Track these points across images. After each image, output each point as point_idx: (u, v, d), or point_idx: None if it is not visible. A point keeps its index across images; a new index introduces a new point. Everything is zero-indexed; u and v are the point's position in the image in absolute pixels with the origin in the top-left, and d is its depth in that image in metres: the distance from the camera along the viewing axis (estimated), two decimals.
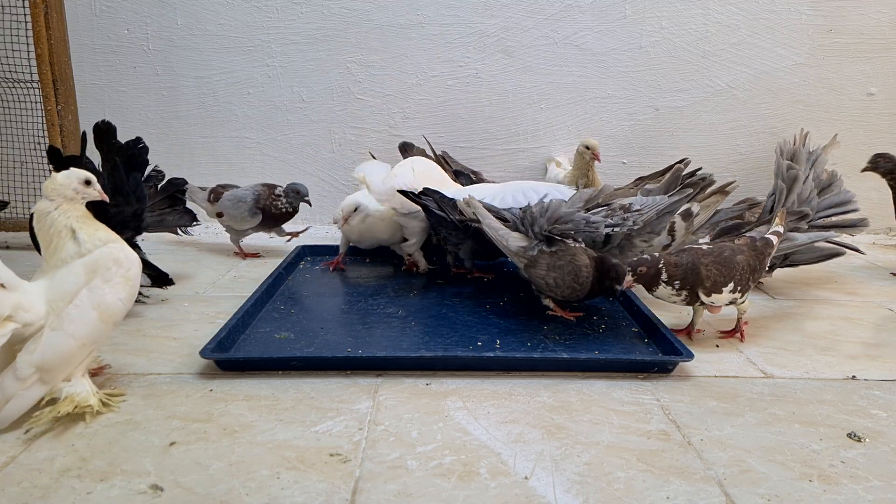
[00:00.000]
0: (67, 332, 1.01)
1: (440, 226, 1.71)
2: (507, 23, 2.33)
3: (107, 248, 1.08)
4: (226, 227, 2.07)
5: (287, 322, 1.46)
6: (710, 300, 1.31)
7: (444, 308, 1.56)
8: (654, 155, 2.39)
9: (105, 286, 1.05)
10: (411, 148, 2.26)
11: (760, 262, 1.37)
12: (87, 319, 1.03)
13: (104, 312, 1.05)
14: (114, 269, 1.07)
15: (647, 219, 1.53)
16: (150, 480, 0.88)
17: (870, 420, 1.07)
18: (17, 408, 0.98)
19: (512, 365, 1.24)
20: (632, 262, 1.32)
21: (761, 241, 1.39)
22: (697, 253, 1.32)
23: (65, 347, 1.01)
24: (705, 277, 1.30)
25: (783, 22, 2.31)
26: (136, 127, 2.40)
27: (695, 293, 1.31)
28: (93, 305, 1.04)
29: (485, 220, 1.54)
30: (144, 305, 1.60)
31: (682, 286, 1.30)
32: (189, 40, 2.35)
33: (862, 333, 1.46)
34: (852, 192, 1.72)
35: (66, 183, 1.08)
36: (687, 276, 1.30)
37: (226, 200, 1.99)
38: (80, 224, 1.08)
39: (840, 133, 2.39)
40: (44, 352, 0.99)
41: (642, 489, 0.87)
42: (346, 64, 2.37)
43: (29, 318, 0.99)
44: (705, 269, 1.30)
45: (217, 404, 1.09)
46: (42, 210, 1.07)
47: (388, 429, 1.02)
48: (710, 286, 1.30)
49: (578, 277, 1.40)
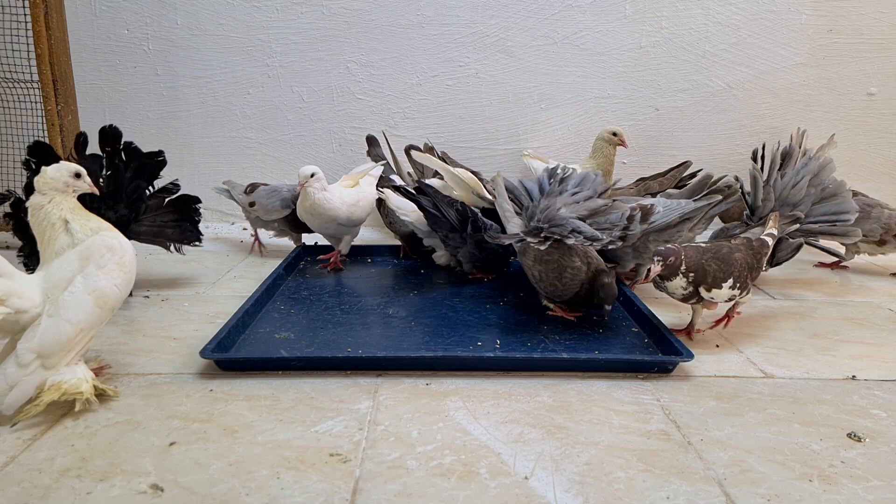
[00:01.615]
0: (64, 318, 1.03)
1: (437, 226, 1.70)
2: (507, 23, 2.33)
3: (99, 236, 1.11)
4: (252, 219, 2.12)
5: (287, 322, 1.46)
6: (709, 295, 1.32)
7: (444, 308, 1.56)
8: (654, 155, 2.39)
9: (99, 272, 1.08)
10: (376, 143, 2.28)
11: (758, 261, 1.38)
12: (83, 305, 1.05)
13: (99, 298, 1.07)
14: (107, 256, 1.09)
15: (666, 223, 1.54)
16: (150, 480, 0.88)
17: (870, 420, 1.07)
18: (21, 394, 1.00)
19: (512, 365, 1.24)
20: (660, 251, 1.30)
21: (757, 241, 1.41)
22: (698, 249, 1.33)
23: (63, 333, 1.03)
24: (707, 272, 1.30)
25: (783, 22, 2.31)
26: (136, 127, 2.40)
27: (697, 288, 1.32)
28: (87, 291, 1.06)
29: (500, 198, 1.55)
30: (144, 305, 1.60)
31: (694, 280, 1.30)
32: (189, 40, 2.35)
33: (862, 333, 1.46)
34: (854, 206, 1.70)
35: (57, 176, 1.10)
36: (697, 270, 1.30)
37: (262, 190, 2.06)
38: (73, 215, 1.11)
39: (840, 133, 2.39)
40: (42, 338, 1.01)
41: (642, 489, 0.87)
42: (346, 64, 2.38)
43: (22, 304, 1.01)
44: (707, 265, 1.30)
45: (217, 404, 1.09)
46: (36, 204, 1.09)
47: (388, 429, 1.02)
48: (711, 281, 1.30)
49: (561, 277, 1.40)
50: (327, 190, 1.81)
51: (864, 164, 2.41)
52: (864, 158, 2.42)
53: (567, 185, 1.60)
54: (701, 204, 1.56)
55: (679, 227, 1.60)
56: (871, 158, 2.42)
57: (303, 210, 1.84)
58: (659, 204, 1.59)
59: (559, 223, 1.43)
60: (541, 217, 1.45)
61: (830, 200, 1.72)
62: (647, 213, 1.58)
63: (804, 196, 1.68)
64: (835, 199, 1.72)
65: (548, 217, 1.45)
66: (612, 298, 1.38)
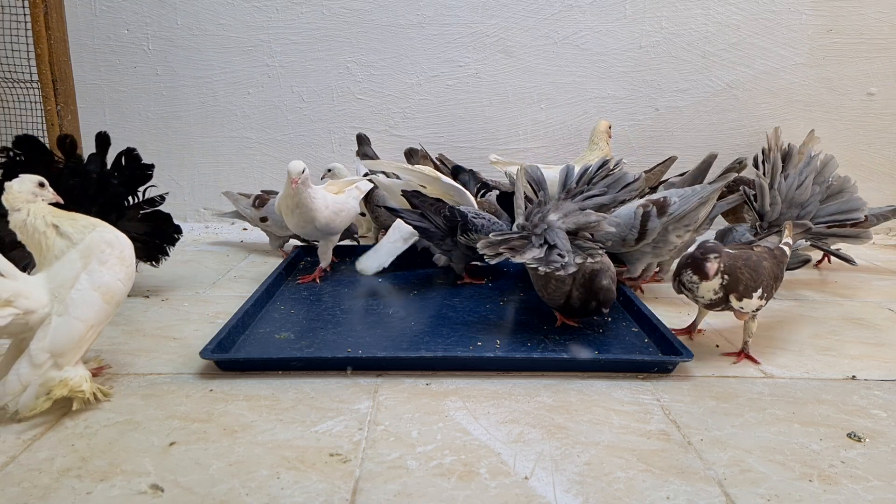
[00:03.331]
0: (73, 315, 1.04)
1: (427, 235, 1.70)
2: (507, 23, 2.33)
3: (97, 233, 1.11)
4: (267, 233, 2.09)
5: (287, 322, 1.46)
6: (739, 305, 1.24)
7: (444, 308, 1.56)
8: (654, 155, 2.39)
9: (102, 268, 1.08)
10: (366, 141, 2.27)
11: (780, 271, 1.32)
12: (91, 301, 1.06)
13: (106, 293, 1.08)
14: (108, 252, 1.10)
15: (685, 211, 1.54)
16: (150, 480, 0.88)
17: (870, 420, 1.07)
18: (34, 393, 1.01)
19: (512, 365, 1.24)
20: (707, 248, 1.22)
21: (777, 250, 1.35)
22: (730, 255, 1.24)
23: (74, 331, 1.04)
24: (739, 280, 1.22)
25: (783, 22, 2.31)
26: (136, 127, 2.41)
27: (727, 295, 1.24)
28: (93, 287, 1.06)
29: (517, 192, 1.58)
30: (144, 305, 1.60)
31: (726, 285, 1.22)
32: (189, 40, 2.35)
33: (862, 333, 1.46)
34: (863, 200, 1.70)
35: (24, 188, 1.11)
36: (731, 275, 1.23)
37: (272, 206, 1.97)
38: (58, 219, 1.11)
39: (840, 133, 2.40)
40: (54, 337, 1.02)
41: (642, 489, 0.87)
42: (346, 64, 2.38)
43: (29, 304, 1.01)
44: (738, 272, 1.23)
45: (217, 404, 1.09)
46: (18, 221, 1.10)
47: (388, 429, 1.02)
48: (743, 290, 1.23)
49: (546, 287, 1.39)
50: (311, 188, 1.73)
51: (864, 164, 2.41)
52: (864, 158, 2.42)
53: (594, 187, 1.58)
54: (717, 184, 1.55)
55: (695, 212, 1.58)
56: (871, 158, 2.42)
57: (285, 206, 1.73)
58: (672, 195, 1.57)
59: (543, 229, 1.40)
60: (535, 219, 1.44)
61: (837, 198, 1.72)
62: (663, 205, 1.56)
63: (810, 196, 1.69)
64: (841, 196, 1.72)
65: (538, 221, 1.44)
66: (611, 302, 1.35)
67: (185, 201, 2.49)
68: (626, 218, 1.57)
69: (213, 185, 2.48)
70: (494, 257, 1.33)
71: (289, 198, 1.71)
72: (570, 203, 1.49)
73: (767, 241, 1.42)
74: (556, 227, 1.38)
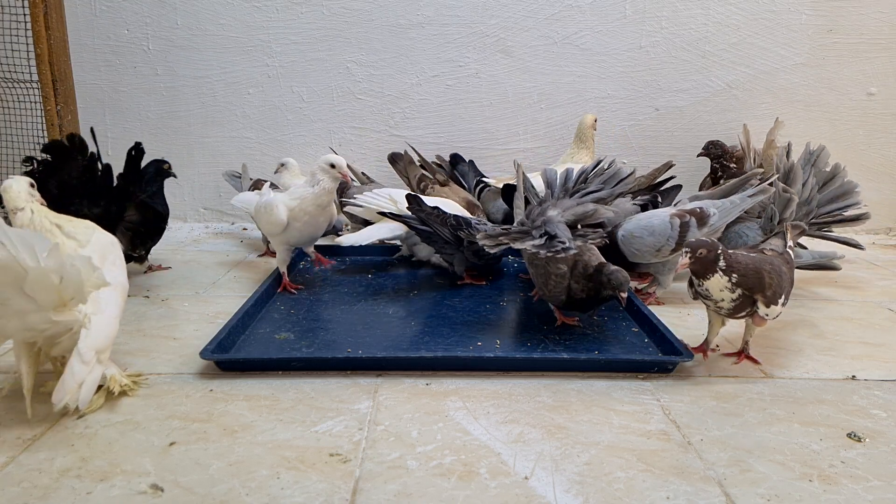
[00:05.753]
0: (107, 313, 1.08)
1: (430, 241, 1.71)
2: (507, 23, 2.33)
3: (100, 234, 1.16)
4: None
5: (287, 322, 1.46)
6: (766, 311, 1.17)
7: (444, 308, 1.56)
8: (654, 155, 2.39)
9: (114, 267, 1.14)
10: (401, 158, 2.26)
11: (793, 275, 1.29)
12: (115, 299, 1.11)
13: (123, 291, 1.15)
14: (114, 251, 1.17)
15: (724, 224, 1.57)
16: (150, 480, 0.88)
17: (870, 420, 1.06)
18: (89, 389, 1.03)
19: (512, 365, 1.24)
20: (691, 243, 1.15)
21: (786, 254, 1.30)
22: (756, 258, 1.18)
23: (111, 328, 1.08)
24: (768, 285, 1.16)
25: (783, 22, 2.31)
26: (136, 127, 2.41)
27: (752, 299, 1.17)
28: (114, 286, 1.10)
29: (517, 191, 1.61)
30: (144, 305, 1.60)
31: (740, 283, 1.15)
32: (189, 40, 2.35)
33: (862, 333, 1.46)
34: (855, 182, 1.72)
35: (22, 188, 1.16)
36: (748, 276, 1.15)
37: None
38: (58, 219, 1.16)
39: (840, 133, 2.40)
40: (97, 334, 1.05)
41: (642, 489, 0.87)
42: (346, 64, 2.38)
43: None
44: (767, 277, 1.16)
45: (217, 404, 1.09)
46: (24, 220, 1.14)
47: (388, 429, 1.02)
48: (770, 295, 1.16)
49: (547, 283, 1.38)
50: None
51: (864, 164, 2.41)
52: (864, 158, 2.42)
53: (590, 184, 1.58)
54: (758, 197, 1.57)
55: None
56: (871, 158, 2.42)
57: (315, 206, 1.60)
58: (710, 206, 1.56)
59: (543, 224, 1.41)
60: (534, 216, 1.45)
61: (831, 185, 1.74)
62: (702, 216, 1.53)
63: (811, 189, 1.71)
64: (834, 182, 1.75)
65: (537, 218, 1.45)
66: (626, 283, 1.29)
67: (185, 201, 2.49)
68: (661, 227, 1.53)
69: (213, 185, 2.48)
70: (494, 247, 1.35)
71: (325, 195, 1.59)
72: (569, 200, 1.50)
73: (773, 244, 1.37)
74: (555, 221, 1.40)
